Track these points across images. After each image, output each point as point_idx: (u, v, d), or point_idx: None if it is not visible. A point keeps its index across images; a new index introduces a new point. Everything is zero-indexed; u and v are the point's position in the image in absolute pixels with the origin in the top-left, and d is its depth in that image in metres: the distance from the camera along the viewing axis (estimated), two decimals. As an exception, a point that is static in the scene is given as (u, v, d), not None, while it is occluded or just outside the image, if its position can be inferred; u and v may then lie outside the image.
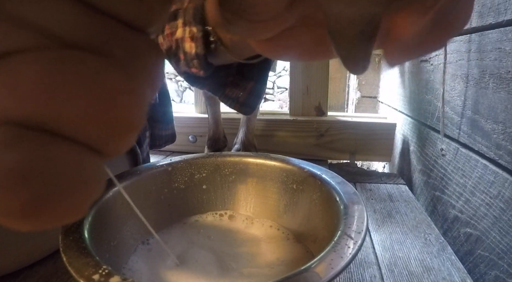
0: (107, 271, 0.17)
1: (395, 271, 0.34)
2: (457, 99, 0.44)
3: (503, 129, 0.34)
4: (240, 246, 0.29)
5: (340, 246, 0.19)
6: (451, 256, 0.36)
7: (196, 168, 0.33)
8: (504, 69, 0.34)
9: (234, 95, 0.42)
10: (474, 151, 0.40)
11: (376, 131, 0.68)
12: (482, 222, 0.37)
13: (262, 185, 0.33)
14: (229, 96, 0.42)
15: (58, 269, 0.32)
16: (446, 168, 0.47)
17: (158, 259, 0.27)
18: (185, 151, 0.72)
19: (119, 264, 0.25)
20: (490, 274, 0.34)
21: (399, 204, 0.49)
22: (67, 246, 0.19)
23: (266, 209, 0.33)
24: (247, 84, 0.42)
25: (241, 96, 0.42)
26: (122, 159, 0.41)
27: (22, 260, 0.32)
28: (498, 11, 0.35)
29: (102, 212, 0.25)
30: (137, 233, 0.28)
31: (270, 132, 0.69)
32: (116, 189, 0.27)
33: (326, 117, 0.71)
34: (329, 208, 0.26)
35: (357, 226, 0.21)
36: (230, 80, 0.41)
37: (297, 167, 0.31)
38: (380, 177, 0.60)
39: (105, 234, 0.24)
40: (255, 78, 0.41)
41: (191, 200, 0.33)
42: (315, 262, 0.18)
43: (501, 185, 0.34)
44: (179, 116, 0.71)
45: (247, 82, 0.42)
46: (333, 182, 0.28)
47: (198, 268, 0.26)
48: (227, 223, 0.32)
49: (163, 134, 0.52)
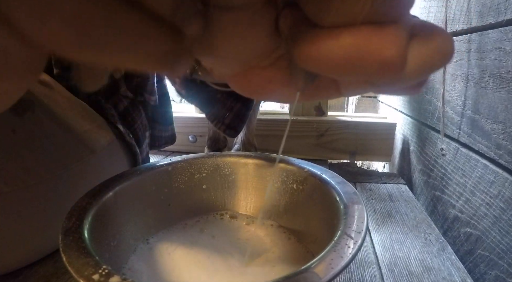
0: (107, 271, 0.17)
1: (395, 271, 0.34)
2: (457, 99, 0.44)
3: (503, 129, 0.34)
4: (241, 246, 0.29)
5: (340, 246, 0.19)
6: (451, 255, 0.36)
7: (196, 168, 0.33)
8: (504, 69, 0.34)
9: (221, 115, 0.42)
10: (474, 150, 0.40)
11: (376, 131, 0.68)
12: (482, 222, 0.37)
13: (262, 185, 0.33)
14: (215, 115, 0.42)
15: (58, 269, 0.32)
16: (446, 168, 0.47)
17: (158, 259, 0.27)
18: (185, 150, 0.72)
19: (119, 264, 0.25)
20: (490, 273, 0.34)
21: (399, 203, 0.49)
22: (67, 246, 0.19)
23: (266, 208, 0.33)
24: (234, 105, 0.41)
25: (227, 117, 0.42)
26: (121, 159, 0.41)
27: (22, 259, 0.32)
28: (498, 11, 0.35)
29: (102, 212, 0.25)
30: (137, 233, 0.28)
31: (270, 132, 0.69)
32: (117, 189, 0.27)
33: (326, 117, 0.71)
34: (329, 207, 0.26)
35: (357, 225, 0.21)
36: (218, 97, 0.41)
37: (297, 166, 0.31)
38: (380, 176, 0.60)
39: (105, 234, 0.24)
40: (242, 100, 0.41)
41: (191, 200, 0.33)
42: (315, 262, 0.18)
43: (501, 184, 0.34)
44: (179, 116, 0.71)
45: (234, 103, 0.41)
46: (333, 181, 0.28)
47: (199, 268, 0.26)
48: (228, 223, 0.32)
49: (163, 135, 0.52)
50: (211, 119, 0.42)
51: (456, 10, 0.44)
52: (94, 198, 0.25)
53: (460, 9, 0.43)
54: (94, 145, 0.36)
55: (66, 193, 0.32)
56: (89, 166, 0.35)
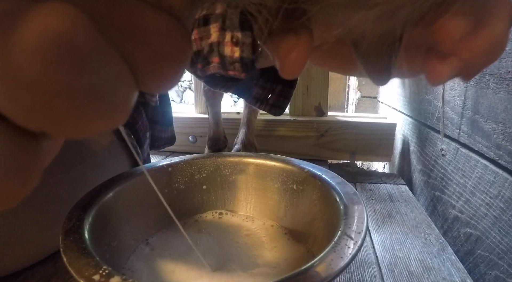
0: (107, 271, 0.17)
1: (395, 271, 0.34)
2: (457, 99, 0.44)
3: (503, 129, 0.34)
4: (241, 246, 0.29)
5: (340, 246, 0.19)
6: (451, 256, 0.36)
7: (196, 168, 0.33)
8: (504, 69, 0.34)
9: (263, 97, 0.44)
10: (474, 151, 0.40)
11: (376, 131, 0.68)
12: (482, 222, 0.37)
13: (262, 185, 0.33)
14: (257, 98, 0.44)
15: (59, 270, 0.32)
16: (446, 168, 0.47)
17: (158, 259, 0.27)
18: (185, 151, 0.72)
19: (120, 264, 0.25)
20: (490, 274, 0.34)
21: (399, 204, 0.49)
22: (68, 247, 0.19)
23: (266, 209, 0.33)
24: (275, 87, 0.44)
25: (270, 98, 0.44)
26: (123, 160, 0.41)
27: (23, 260, 0.32)
28: (498, 11, 0.35)
29: (103, 212, 0.25)
30: (137, 233, 0.28)
31: (270, 132, 0.69)
32: (117, 189, 0.27)
33: (326, 117, 0.71)
34: (329, 208, 0.26)
35: (357, 226, 0.21)
36: (254, 83, 0.43)
37: (297, 167, 0.31)
38: (380, 177, 0.60)
39: (105, 234, 0.24)
40: (283, 82, 0.43)
41: (191, 200, 0.33)
42: (315, 262, 0.18)
43: (501, 185, 0.34)
44: (179, 117, 0.71)
45: (275, 85, 0.44)
46: (333, 182, 0.28)
47: (199, 268, 0.26)
48: (228, 223, 0.32)
49: (162, 136, 0.52)
50: (254, 103, 0.44)
51: (456, 11, 0.44)
52: (95, 198, 0.25)
53: (460, 10, 0.43)
54: (95, 146, 0.36)
55: (67, 194, 0.32)
56: (90, 167, 0.35)
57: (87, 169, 0.34)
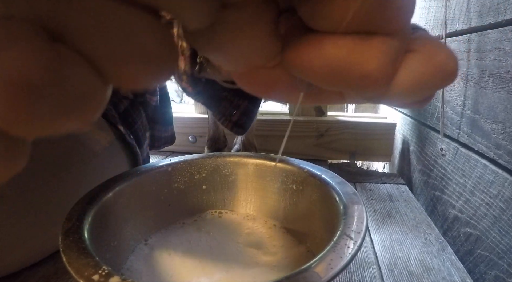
0: (107, 271, 0.17)
1: (395, 271, 0.34)
2: (457, 99, 0.44)
3: (503, 129, 0.34)
4: (241, 246, 0.29)
5: (339, 246, 0.19)
6: (451, 256, 0.36)
7: (196, 168, 0.33)
8: (503, 69, 0.34)
9: (228, 113, 0.41)
10: (474, 150, 0.40)
11: (376, 131, 0.68)
12: (482, 222, 0.37)
13: (262, 185, 0.33)
14: (222, 112, 0.41)
15: (58, 270, 0.32)
16: (446, 168, 0.47)
17: (157, 259, 0.27)
18: (185, 151, 0.72)
19: (119, 264, 0.25)
20: (490, 274, 0.34)
21: (399, 204, 0.49)
22: (67, 247, 0.19)
23: (266, 209, 0.33)
24: (241, 103, 0.40)
25: (234, 115, 0.41)
26: (122, 160, 0.41)
27: (22, 260, 0.32)
28: (498, 11, 0.35)
29: (102, 212, 0.25)
30: (137, 234, 0.28)
31: (270, 132, 0.69)
32: (117, 189, 0.27)
33: (326, 117, 0.71)
34: (328, 208, 0.26)
35: (357, 226, 0.21)
36: (225, 95, 0.40)
37: (297, 167, 0.31)
38: (380, 177, 0.60)
39: (105, 234, 0.24)
40: (249, 98, 0.40)
41: (191, 200, 0.33)
42: (315, 262, 0.18)
43: (501, 184, 0.34)
44: (179, 117, 0.71)
45: (241, 101, 0.40)
46: (333, 182, 0.28)
47: (198, 268, 0.26)
48: (227, 222, 0.32)
49: (162, 136, 0.52)
50: (218, 117, 0.42)
51: (456, 10, 0.44)
52: (94, 198, 0.25)
53: (459, 9, 0.43)
54: (95, 146, 0.36)
55: (67, 194, 0.32)
56: (90, 167, 0.35)
57: (87, 168, 0.34)
